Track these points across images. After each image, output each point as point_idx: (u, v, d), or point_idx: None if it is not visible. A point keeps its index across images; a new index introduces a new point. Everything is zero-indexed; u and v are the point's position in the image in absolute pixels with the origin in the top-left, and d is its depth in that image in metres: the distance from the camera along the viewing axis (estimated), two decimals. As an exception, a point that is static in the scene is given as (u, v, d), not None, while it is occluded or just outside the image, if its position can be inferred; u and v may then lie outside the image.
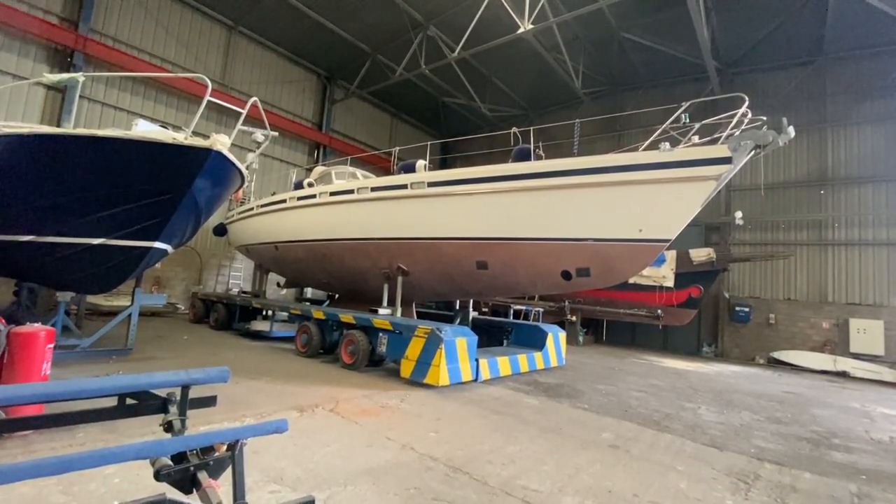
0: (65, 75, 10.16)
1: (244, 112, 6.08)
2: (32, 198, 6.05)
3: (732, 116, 6.23)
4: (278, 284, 15.10)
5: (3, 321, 4.49)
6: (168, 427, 2.42)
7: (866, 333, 14.55)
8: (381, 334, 8.15)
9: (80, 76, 7.35)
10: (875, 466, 5.16)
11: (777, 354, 15.62)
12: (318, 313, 9.39)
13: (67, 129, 7.68)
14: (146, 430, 3.98)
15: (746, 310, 16.64)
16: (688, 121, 6.68)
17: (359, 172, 11.61)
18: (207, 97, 5.60)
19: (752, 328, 16.66)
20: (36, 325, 4.55)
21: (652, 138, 6.66)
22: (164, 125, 11.29)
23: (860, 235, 15.34)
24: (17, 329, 4.35)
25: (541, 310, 16.78)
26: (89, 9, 13.80)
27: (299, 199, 10.84)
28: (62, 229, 6.18)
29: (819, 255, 15.94)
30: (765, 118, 6.33)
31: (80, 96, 13.51)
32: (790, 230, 16.62)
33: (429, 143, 10.61)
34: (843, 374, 13.81)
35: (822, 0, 14.11)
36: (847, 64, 16.26)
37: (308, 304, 12.31)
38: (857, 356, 14.36)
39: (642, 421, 6.29)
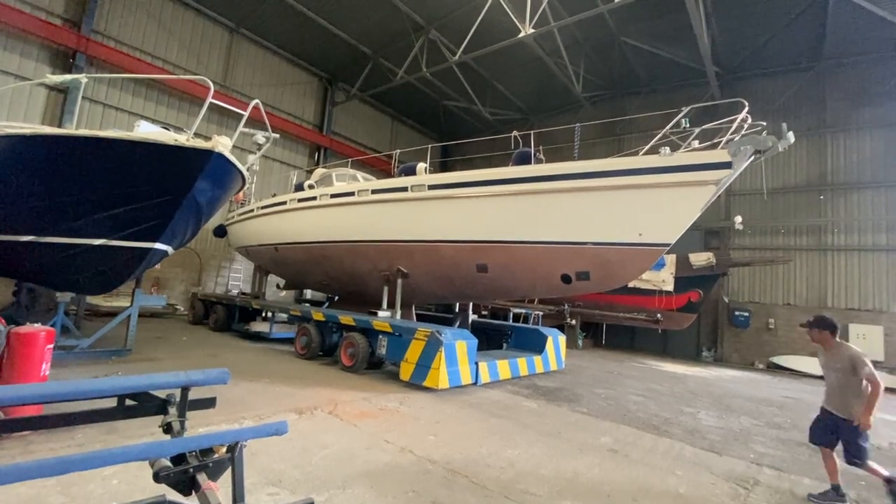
0: (67, 76, 10.20)
1: (246, 114, 6.09)
2: (34, 198, 6.06)
3: (732, 121, 6.25)
4: (278, 286, 15.10)
5: (3, 321, 4.49)
6: (167, 428, 2.42)
7: (866, 339, 14.53)
8: (380, 336, 8.15)
9: (82, 77, 7.34)
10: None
11: (776, 359, 15.60)
12: (317, 315, 9.38)
13: (69, 129, 7.69)
14: (145, 431, 3.97)
15: (746, 314, 16.64)
16: (688, 125, 6.70)
17: (359, 175, 11.63)
18: (209, 99, 5.62)
19: (752, 333, 16.64)
20: (35, 325, 4.56)
21: (652, 143, 6.68)
22: (166, 126, 11.33)
23: (860, 241, 15.36)
24: (17, 329, 4.36)
25: (540, 313, 16.78)
26: (92, 10, 13.85)
27: (300, 200, 10.85)
28: (63, 230, 6.18)
29: (819, 261, 15.95)
30: (765, 123, 6.36)
31: (82, 97, 13.53)
32: (790, 235, 16.64)
33: (429, 145, 10.63)
34: (842, 380, 13.79)
35: (822, 6, 14.18)
36: (846, 69, 16.32)
37: (308, 305, 12.30)
38: (856, 361, 14.34)
39: (641, 425, 6.28)
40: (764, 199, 16.54)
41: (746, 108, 6.19)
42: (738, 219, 14.38)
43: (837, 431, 4.15)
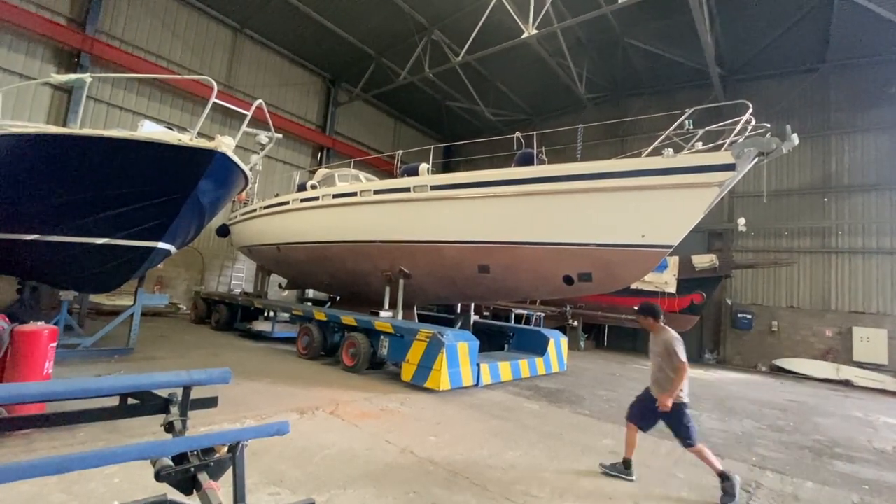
0: (72, 76, 10.19)
1: (249, 114, 6.12)
2: (38, 197, 6.09)
3: (736, 123, 6.22)
4: (280, 286, 15.12)
5: (7, 319, 4.51)
6: (169, 427, 2.43)
7: (869, 342, 14.47)
8: (382, 337, 8.15)
9: (86, 77, 7.35)
10: (877, 476, 5.12)
11: (779, 362, 15.53)
12: (319, 315, 9.39)
13: (73, 129, 7.72)
14: (147, 430, 3.98)
15: (749, 317, 16.57)
16: (691, 127, 6.68)
17: (362, 175, 11.64)
18: (213, 99, 5.64)
19: (755, 335, 16.58)
20: (39, 323, 4.57)
21: (655, 144, 6.66)
22: (170, 126, 11.37)
23: (864, 243, 15.28)
24: (21, 327, 4.37)
25: (542, 314, 16.74)
26: (96, 10, 13.92)
27: (302, 200, 10.86)
28: (67, 228, 6.21)
29: (822, 263, 15.88)
30: (768, 125, 6.33)
31: (87, 97, 13.60)
32: (793, 237, 16.57)
33: (432, 146, 10.65)
34: (845, 383, 13.72)
35: (827, 8, 14.13)
36: (851, 72, 16.25)
37: (310, 305, 12.31)
38: (860, 365, 14.27)
39: (643, 427, 6.25)
40: (764, 202, 16.46)
41: (750, 110, 6.17)
42: (742, 221, 14.34)
43: (657, 413, 4.16)
